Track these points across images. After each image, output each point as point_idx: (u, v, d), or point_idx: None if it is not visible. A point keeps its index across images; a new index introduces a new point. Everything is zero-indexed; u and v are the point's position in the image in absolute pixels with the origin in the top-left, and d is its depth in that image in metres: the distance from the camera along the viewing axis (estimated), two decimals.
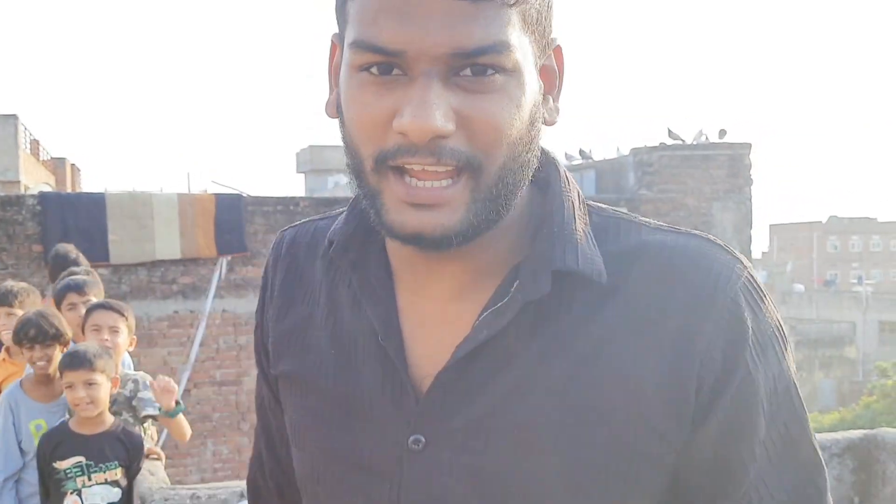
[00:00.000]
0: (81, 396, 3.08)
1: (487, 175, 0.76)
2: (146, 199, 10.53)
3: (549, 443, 0.79)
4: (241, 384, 11.02)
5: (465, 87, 0.73)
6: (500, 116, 0.74)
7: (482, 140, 0.74)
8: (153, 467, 3.38)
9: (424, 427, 0.83)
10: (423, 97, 0.72)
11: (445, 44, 0.71)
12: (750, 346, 0.81)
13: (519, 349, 0.81)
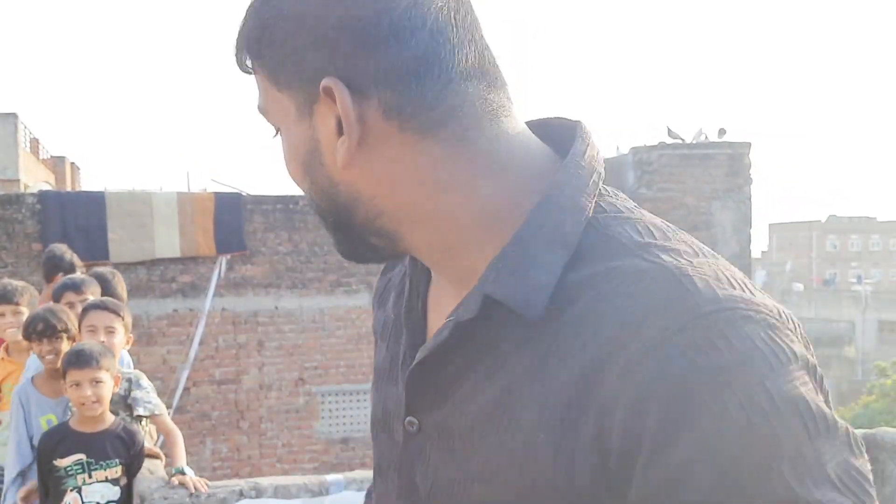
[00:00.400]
0: (88, 395, 3.10)
1: (314, 210, 0.86)
2: (146, 198, 10.54)
3: (479, 472, 0.78)
4: (241, 383, 11.02)
5: None
6: (286, 164, 0.83)
7: (294, 182, 0.85)
8: (152, 466, 3.38)
9: (416, 411, 0.85)
10: None
11: None
12: (676, 407, 0.64)
13: (464, 367, 0.80)
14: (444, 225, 0.79)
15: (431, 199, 0.78)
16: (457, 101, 0.76)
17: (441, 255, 0.81)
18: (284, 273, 11.08)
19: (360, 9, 0.74)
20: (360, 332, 11.43)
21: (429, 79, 0.75)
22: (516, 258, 0.75)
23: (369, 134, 0.76)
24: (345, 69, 0.74)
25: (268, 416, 11.03)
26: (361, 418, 11.56)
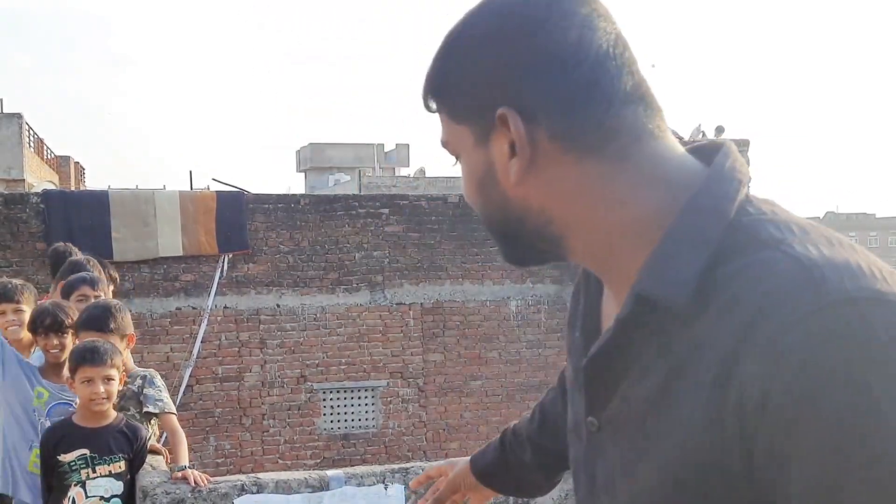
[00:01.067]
0: (100, 392, 3.14)
1: (485, 225, 0.97)
2: (148, 197, 10.61)
3: (645, 464, 0.85)
4: (243, 380, 11.08)
5: None
6: (463, 187, 0.97)
7: (469, 203, 0.98)
8: (155, 461, 3.43)
9: (594, 411, 0.94)
10: None
11: None
12: (791, 399, 0.72)
13: (627, 364, 0.87)
14: (604, 233, 0.88)
15: (592, 211, 0.88)
16: (616, 124, 0.86)
17: (600, 259, 0.91)
18: (286, 271, 11.14)
19: (531, 47, 0.86)
20: (360, 329, 11.49)
21: (591, 105, 0.85)
22: (662, 259, 0.83)
23: (538, 155, 0.87)
24: (517, 100, 0.86)
25: (270, 412, 11.10)
26: (362, 415, 11.63)
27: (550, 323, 12.43)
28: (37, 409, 3.47)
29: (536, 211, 0.90)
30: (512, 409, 12.23)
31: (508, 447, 1.52)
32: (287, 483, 3.28)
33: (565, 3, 0.87)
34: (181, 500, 3.15)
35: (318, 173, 41.04)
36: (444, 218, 11.89)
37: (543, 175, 0.88)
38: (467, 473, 1.58)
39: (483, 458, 1.56)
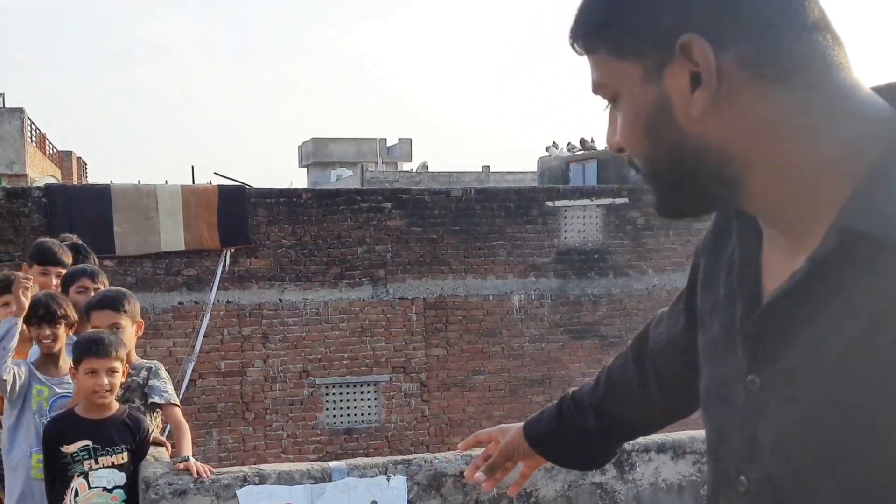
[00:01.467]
0: (104, 383, 3.13)
1: (646, 171, 0.92)
2: (150, 191, 10.59)
3: (841, 404, 0.79)
4: (245, 375, 11.08)
5: None
6: (622, 131, 0.90)
7: (628, 149, 0.92)
8: (158, 453, 3.41)
9: (756, 369, 0.89)
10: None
11: None
12: None
13: (818, 307, 0.81)
14: (788, 170, 0.82)
15: (779, 146, 0.82)
16: (807, 51, 0.81)
17: (779, 202, 0.84)
18: (288, 266, 11.13)
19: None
20: (363, 324, 11.47)
21: (783, 29, 0.81)
22: (874, 192, 0.77)
23: (724, 84, 0.81)
24: (703, 25, 0.81)
25: (272, 407, 11.10)
26: (365, 409, 11.62)
27: (553, 317, 12.41)
28: (37, 410, 3.45)
29: (716, 150, 0.84)
30: (515, 403, 12.22)
31: (567, 415, 1.46)
32: (289, 474, 3.26)
33: None
34: (184, 491, 3.13)
35: (321, 168, 41.02)
36: (447, 212, 11.87)
37: (728, 108, 0.82)
38: (521, 440, 1.52)
39: (538, 425, 1.51)
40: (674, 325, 1.27)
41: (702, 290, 1.06)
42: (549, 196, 12.46)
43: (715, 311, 1.00)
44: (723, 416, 0.97)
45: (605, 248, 12.66)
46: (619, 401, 1.40)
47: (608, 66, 0.89)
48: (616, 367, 1.43)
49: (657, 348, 1.32)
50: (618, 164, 13.79)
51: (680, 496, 3.68)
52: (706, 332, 1.03)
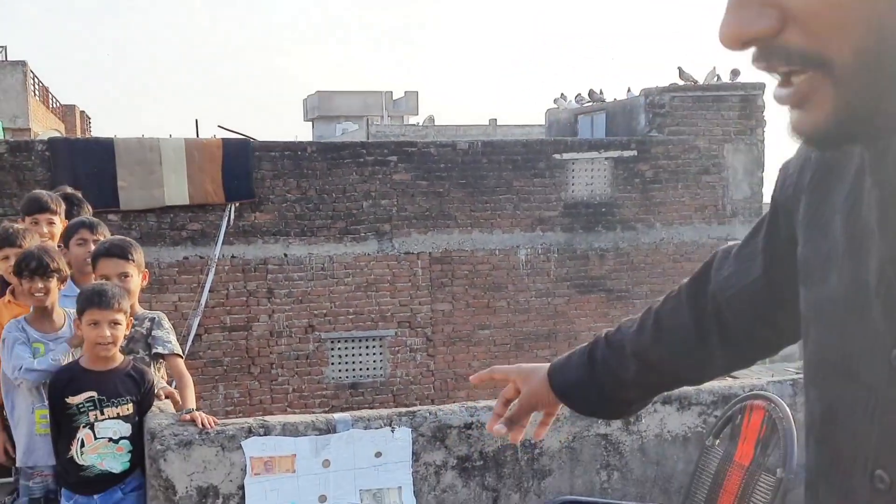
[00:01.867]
0: (106, 335, 3.12)
1: (841, 67, 0.64)
2: (154, 145, 10.51)
3: None
4: (251, 330, 11.11)
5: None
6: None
7: (814, 29, 0.64)
8: (163, 405, 3.41)
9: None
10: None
11: None
12: None
13: None
14: None
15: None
16: None
17: None
18: (293, 220, 11.08)
19: None
20: (368, 279, 11.46)
21: None
22: None
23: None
24: None
25: (278, 362, 11.15)
26: (370, 364, 11.66)
27: (560, 272, 12.38)
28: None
29: None
30: (520, 357, 12.25)
31: (601, 363, 1.32)
32: (294, 426, 3.26)
33: None
34: (189, 442, 3.14)
35: (326, 122, 40.78)
36: (454, 165, 11.77)
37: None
38: (547, 391, 1.38)
39: (565, 373, 1.37)
40: (746, 271, 1.11)
41: (806, 235, 0.91)
42: (556, 149, 12.34)
43: (831, 260, 0.84)
44: (842, 393, 0.82)
45: (613, 202, 12.58)
46: (670, 350, 1.25)
47: None
48: (667, 312, 1.27)
49: (723, 296, 1.16)
50: (627, 116, 13.64)
51: (685, 447, 3.68)
52: (815, 286, 0.88)
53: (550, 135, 16.20)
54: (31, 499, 3.43)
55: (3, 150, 10.17)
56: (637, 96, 13.36)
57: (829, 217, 0.86)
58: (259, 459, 3.21)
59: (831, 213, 0.86)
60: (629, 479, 3.65)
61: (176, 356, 3.55)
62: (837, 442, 0.85)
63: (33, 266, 3.41)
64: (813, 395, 0.89)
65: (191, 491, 3.12)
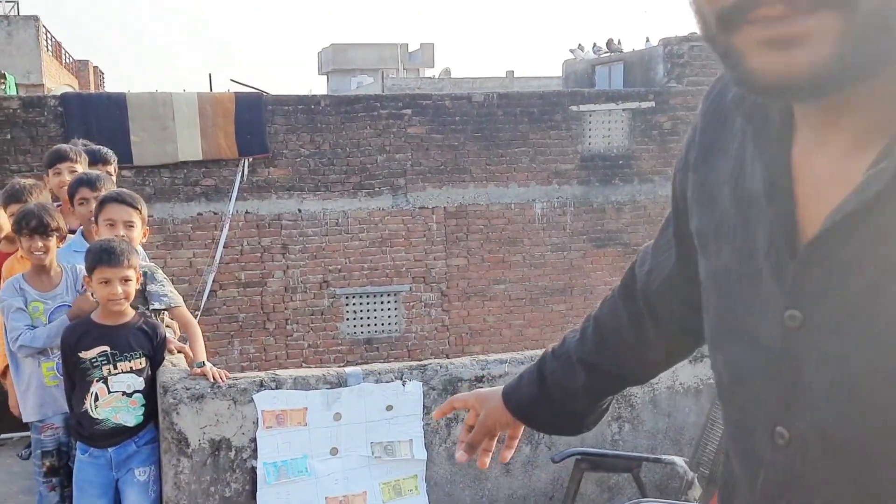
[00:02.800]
0: (118, 292, 3.13)
1: (858, 4, 0.64)
2: (167, 100, 10.46)
3: None
4: (266, 285, 11.16)
5: None
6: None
7: None
8: (175, 359, 3.43)
9: (800, 302, 0.77)
10: None
11: None
12: None
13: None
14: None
15: None
16: None
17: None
18: (307, 175, 11.05)
19: None
20: (382, 234, 11.45)
21: None
22: None
23: None
24: None
25: (293, 317, 11.21)
26: (385, 319, 11.71)
27: (576, 225, 12.32)
28: (38, 325, 3.45)
29: None
30: (535, 312, 12.26)
31: (550, 377, 1.34)
32: (305, 380, 3.27)
33: None
34: (201, 396, 3.15)
35: (341, 76, 40.47)
36: (469, 118, 11.66)
37: None
38: (502, 412, 1.40)
39: (518, 392, 1.39)
40: (665, 260, 1.14)
41: (698, 210, 0.94)
42: (573, 100, 12.19)
43: (721, 231, 0.88)
44: (742, 356, 0.86)
45: (631, 154, 12.45)
46: (613, 352, 1.27)
47: None
48: (605, 316, 1.29)
49: (650, 288, 1.19)
50: (645, 67, 13.43)
51: (697, 399, 3.67)
52: (711, 257, 0.91)
53: (567, 86, 16.00)
54: (44, 451, 3.47)
55: (16, 106, 10.15)
56: (655, 46, 13.14)
57: (717, 190, 0.90)
58: (271, 413, 3.23)
59: (719, 185, 0.90)
60: (640, 432, 3.65)
61: (177, 307, 3.55)
62: (743, 403, 0.88)
63: (33, 224, 3.42)
64: (718, 360, 0.92)
65: (203, 444, 3.15)
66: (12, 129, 9.96)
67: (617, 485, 3.61)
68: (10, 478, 4.54)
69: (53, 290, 3.51)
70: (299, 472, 3.22)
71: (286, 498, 3.20)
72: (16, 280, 3.49)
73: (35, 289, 3.48)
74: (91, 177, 3.82)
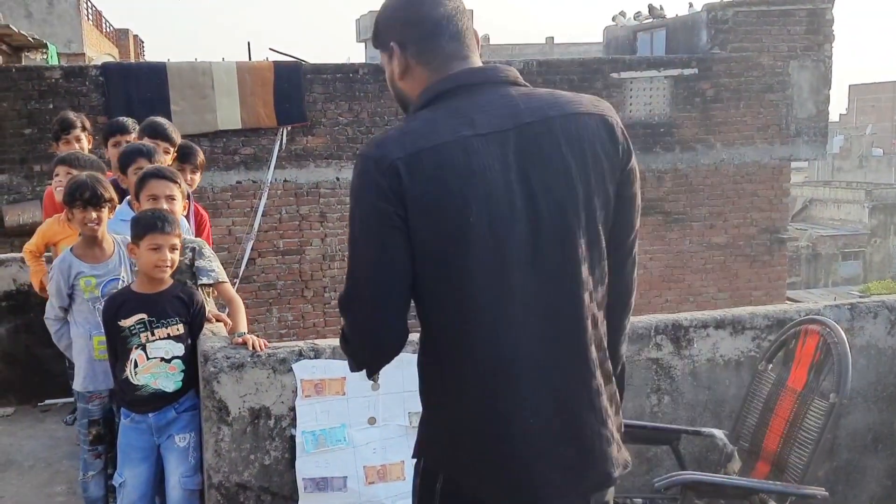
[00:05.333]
0: (167, 258, 3.19)
1: (393, 94, 1.91)
2: (206, 69, 10.49)
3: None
4: (304, 253, 11.22)
5: None
6: (388, 80, 1.86)
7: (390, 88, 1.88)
8: (215, 328, 3.46)
9: None
10: None
11: None
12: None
13: None
14: (416, 92, 1.78)
15: (419, 87, 1.77)
16: (441, 52, 1.75)
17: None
18: (345, 144, 11.05)
19: (404, 14, 1.77)
20: None
21: (430, 42, 1.74)
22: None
23: (407, 65, 1.78)
24: (398, 38, 1.77)
25: (331, 285, 11.27)
26: None
27: None
28: (90, 298, 3.50)
29: (408, 91, 1.80)
30: None
31: None
32: None
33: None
34: (241, 365, 3.18)
35: None
36: None
37: (408, 75, 1.79)
38: None
39: None
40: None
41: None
42: (614, 67, 12.00)
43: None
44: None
45: (672, 122, 12.24)
46: None
47: (380, 53, 1.85)
48: None
49: None
50: (688, 33, 13.14)
51: (737, 372, 3.61)
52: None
53: (608, 53, 15.74)
54: (91, 420, 3.54)
55: (58, 76, 10.26)
56: (699, 12, 12.84)
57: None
58: (310, 382, 3.24)
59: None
60: (680, 404, 3.61)
61: (222, 283, 3.58)
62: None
63: (87, 196, 3.44)
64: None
65: (243, 412, 3.18)
66: (54, 99, 10.08)
67: (656, 457, 3.59)
68: (55, 443, 4.64)
69: (105, 261, 3.55)
70: (337, 441, 3.24)
71: (325, 466, 3.22)
72: (65, 258, 3.52)
73: (86, 262, 3.52)
74: (149, 147, 3.86)
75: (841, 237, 39.39)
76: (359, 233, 1.62)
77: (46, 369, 5.10)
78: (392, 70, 1.77)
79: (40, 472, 4.31)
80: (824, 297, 27.89)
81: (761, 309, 3.74)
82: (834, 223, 41.60)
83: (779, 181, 12.82)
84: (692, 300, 12.51)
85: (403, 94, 1.78)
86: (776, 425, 3.02)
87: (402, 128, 1.63)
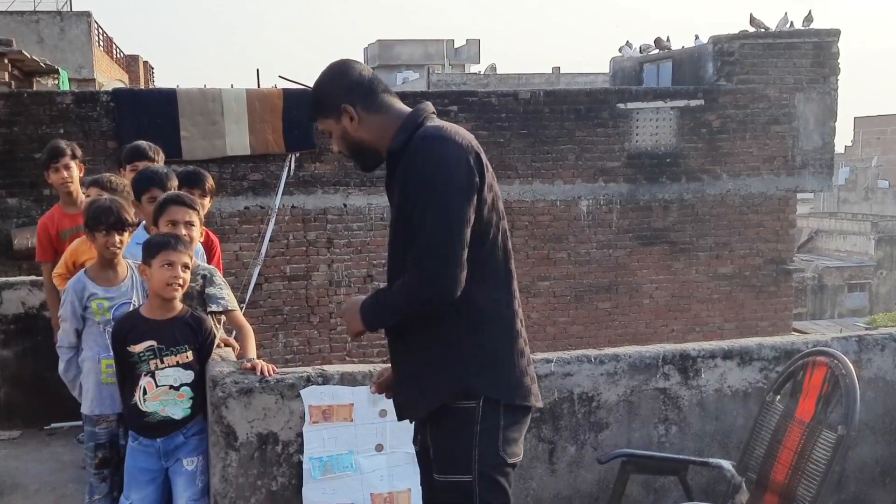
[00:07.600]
0: (178, 275, 3.20)
1: (349, 154, 2.57)
2: (216, 95, 10.59)
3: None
4: (311, 279, 11.23)
5: None
6: (336, 143, 2.56)
7: (341, 150, 2.56)
8: (224, 353, 3.47)
9: None
10: None
11: None
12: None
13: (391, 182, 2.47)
14: (384, 138, 2.44)
15: (381, 133, 2.45)
16: (382, 101, 2.45)
17: (384, 146, 2.47)
18: (352, 171, 11.10)
19: (345, 81, 2.44)
20: None
21: (372, 97, 2.44)
22: (397, 136, 2.45)
23: (360, 118, 2.43)
24: (347, 99, 2.42)
25: (337, 311, 11.27)
26: None
27: (622, 223, 12.21)
28: (101, 321, 3.50)
29: (367, 141, 2.45)
30: (580, 310, 12.18)
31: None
32: (352, 375, 3.28)
33: (352, 64, 2.48)
34: (249, 390, 3.18)
35: (387, 71, 40.58)
36: (515, 115, 11.61)
37: (363, 125, 2.43)
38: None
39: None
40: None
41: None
42: (620, 98, 12.07)
43: None
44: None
45: (678, 152, 12.29)
46: None
47: (323, 122, 2.48)
48: None
49: None
50: (694, 65, 13.23)
51: (745, 403, 3.61)
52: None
53: (615, 84, 15.84)
54: (97, 444, 3.53)
55: (69, 101, 10.36)
56: (705, 44, 12.94)
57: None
58: (318, 408, 3.24)
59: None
60: (687, 434, 3.60)
61: (232, 311, 3.59)
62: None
63: (112, 221, 3.46)
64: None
65: (251, 437, 3.18)
66: (65, 124, 10.16)
67: (663, 487, 3.57)
68: (60, 466, 4.63)
69: (119, 285, 3.56)
70: (345, 468, 3.24)
71: (331, 493, 3.21)
72: (79, 280, 3.53)
73: (100, 285, 3.53)
74: (161, 176, 3.88)
75: (847, 269, 39.28)
76: (451, 200, 2.25)
77: (53, 392, 5.08)
78: (344, 127, 2.43)
79: (46, 495, 4.29)
80: (830, 328, 27.75)
81: (769, 340, 3.74)
82: (840, 255, 41.51)
83: (785, 212, 12.83)
84: (698, 330, 12.48)
85: (361, 140, 2.44)
86: (784, 457, 3.01)
87: (442, 125, 2.39)
